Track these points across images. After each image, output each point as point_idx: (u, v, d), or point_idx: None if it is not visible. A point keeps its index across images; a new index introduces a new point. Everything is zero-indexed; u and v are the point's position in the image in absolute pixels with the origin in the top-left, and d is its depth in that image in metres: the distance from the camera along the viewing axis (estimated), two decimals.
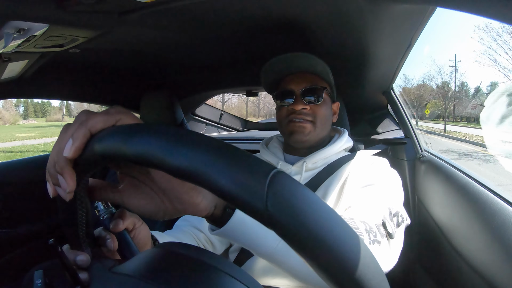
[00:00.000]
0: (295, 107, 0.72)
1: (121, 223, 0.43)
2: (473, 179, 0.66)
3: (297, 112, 0.72)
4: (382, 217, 0.55)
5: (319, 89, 0.73)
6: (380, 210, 0.56)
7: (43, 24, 0.58)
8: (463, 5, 0.35)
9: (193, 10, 0.64)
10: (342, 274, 0.22)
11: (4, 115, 25.13)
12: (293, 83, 0.74)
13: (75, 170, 0.29)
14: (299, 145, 0.75)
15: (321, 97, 0.73)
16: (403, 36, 0.74)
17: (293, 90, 0.73)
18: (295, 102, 0.73)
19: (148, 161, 0.25)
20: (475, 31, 24.13)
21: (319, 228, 0.22)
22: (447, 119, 18.74)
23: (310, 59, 0.71)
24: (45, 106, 28.29)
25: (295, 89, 0.73)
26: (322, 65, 0.73)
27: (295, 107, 0.72)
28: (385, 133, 1.25)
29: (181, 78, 1.36)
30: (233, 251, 0.75)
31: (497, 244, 0.48)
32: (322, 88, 0.74)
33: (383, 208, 0.57)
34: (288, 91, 0.74)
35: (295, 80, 0.74)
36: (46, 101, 24.49)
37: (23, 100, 21.24)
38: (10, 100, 21.58)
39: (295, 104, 0.72)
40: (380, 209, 0.57)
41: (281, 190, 0.22)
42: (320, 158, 0.74)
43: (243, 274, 0.30)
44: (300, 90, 0.72)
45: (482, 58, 20.51)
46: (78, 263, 0.34)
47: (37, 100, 13.05)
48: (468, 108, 18.96)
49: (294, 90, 0.73)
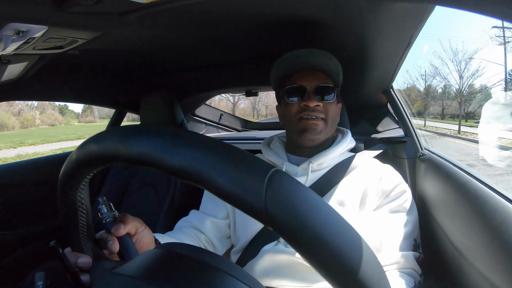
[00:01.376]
0: (309, 104, 0.70)
1: (123, 227, 0.43)
2: (473, 177, 0.66)
3: (311, 109, 0.70)
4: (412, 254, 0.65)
5: (331, 87, 0.73)
6: (409, 244, 0.67)
7: (42, 26, 0.58)
8: (462, 3, 0.35)
9: (192, 10, 0.64)
10: (342, 272, 0.22)
11: (57, 117, 25.96)
12: (305, 79, 0.72)
13: (76, 171, 0.30)
14: (309, 144, 0.74)
15: (334, 95, 0.73)
16: (403, 35, 0.74)
17: (305, 86, 0.72)
18: (308, 99, 0.71)
19: (147, 161, 0.25)
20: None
21: (318, 226, 0.22)
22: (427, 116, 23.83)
23: (324, 56, 0.71)
24: (63, 109, 28.62)
25: (307, 86, 0.72)
26: (335, 64, 0.72)
27: (309, 103, 0.70)
28: (385, 132, 1.25)
29: (180, 79, 1.36)
30: (235, 252, 0.75)
31: (498, 242, 0.48)
32: (334, 87, 0.73)
33: (411, 242, 0.67)
34: (299, 87, 0.72)
35: (307, 77, 0.72)
36: (63, 104, 24.73)
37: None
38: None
39: (308, 100, 0.71)
40: (409, 243, 0.67)
41: (279, 189, 0.22)
42: (325, 159, 0.73)
43: (244, 275, 0.30)
44: (313, 87, 0.71)
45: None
46: (80, 265, 0.34)
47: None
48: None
49: (306, 87, 0.72)
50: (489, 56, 22.11)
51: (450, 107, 22.63)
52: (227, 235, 0.79)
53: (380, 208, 0.70)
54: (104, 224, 0.43)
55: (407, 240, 0.67)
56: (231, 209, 0.78)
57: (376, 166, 0.76)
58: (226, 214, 0.78)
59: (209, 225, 0.76)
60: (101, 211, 0.43)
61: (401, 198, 0.70)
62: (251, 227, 0.72)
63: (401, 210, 0.70)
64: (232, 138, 1.63)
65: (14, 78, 0.93)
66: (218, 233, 0.77)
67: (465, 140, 12.47)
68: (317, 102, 0.71)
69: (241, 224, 0.75)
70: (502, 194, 0.54)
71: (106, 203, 0.43)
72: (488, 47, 20.49)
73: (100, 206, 0.43)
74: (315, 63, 0.72)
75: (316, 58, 0.72)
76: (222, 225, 0.77)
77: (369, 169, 0.75)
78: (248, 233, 0.72)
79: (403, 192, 0.71)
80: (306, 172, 0.73)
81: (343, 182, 0.73)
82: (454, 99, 20.70)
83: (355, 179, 0.73)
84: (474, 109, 19.82)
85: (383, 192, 0.70)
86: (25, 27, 0.56)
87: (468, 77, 18.95)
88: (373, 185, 0.71)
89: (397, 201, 0.70)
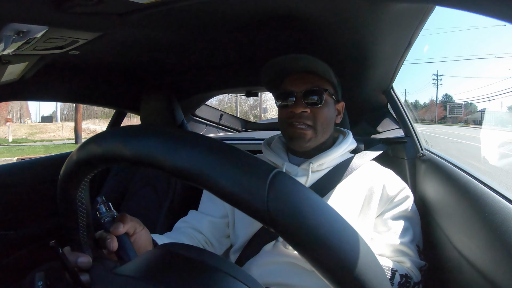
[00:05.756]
0: (295, 110, 0.70)
1: (122, 227, 0.43)
2: (473, 178, 0.66)
3: (297, 116, 0.70)
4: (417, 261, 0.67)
5: (320, 91, 0.71)
6: (413, 250, 0.68)
7: (43, 26, 0.58)
8: (462, 3, 0.35)
9: (193, 11, 0.64)
10: (343, 273, 0.22)
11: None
12: (294, 84, 0.72)
13: (76, 171, 0.29)
14: (301, 150, 0.74)
15: (322, 99, 0.71)
16: (403, 35, 0.74)
17: (293, 91, 0.71)
18: (295, 104, 0.70)
19: (148, 162, 0.25)
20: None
21: (320, 227, 0.22)
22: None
23: (310, 61, 0.70)
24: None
25: (296, 91, 0.71)
26: (323, 66, 0.71)
27: (295, 109, 0.70)
28: (385, 132, 1.24)
29: (181, 79, 1.36)
30: (234, 251, 0.75)
31: (498, 242, 0.47)
32: (323, 89, 0.71)
33: (415, 248, 0.69)
34: (288, 92, 0.72)
35: (297, 81, 0.72)
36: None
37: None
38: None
39: (295, 106, 0.70)
40: (413, 249, 0.68)
41: (281, 190, 0.22)
42: (326, 160, 0.73)
43: (243, 274, 0.30)
44: (301, 92, 0.70)
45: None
46: (79, 265, 0.34)
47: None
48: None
49: (294, 92, 0.71)
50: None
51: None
52: (226, 235, 0.79)
53: (384, 214, 0.71)
54: (103, 224, 0.43)
55: (410, 245, 0.68)
56: (230, 208, 0.78)
57: (378, 170, 0.77)
58: (225, 213, 0.78)
59: (208, 225, 0.76)
60: (100, 211, 0.43)
61: (404, 204, 0.71)
62: (250, 226, 0.72)
63: (405, 216, 0.71)
64: (232, 139, 1.63)
65: (14, 78, 0.93)
66: (216, 232, 0.77)
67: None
68: (304, 108, 0.70)
69: (240, 223, 0.75)
70: (502, 195, 0.54)
71: (105, 202, 0.43)
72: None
73: (99, 205, 0.43)
74: (303, 67, 0.72)
75: (301, 62, 0.71)
76: (220, 224, 0.77)
77: (370, 172, 0.75)
78: (247, 232, 0.72)
79: (407, 198, 0.72)
80: (306, 172, 0.73)
81: (344, 183, 0.73)
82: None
83: (356, 181, 0.73)
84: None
85: (387, 198, 0.71)
86: (25, 27, 0.56)
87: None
88: (377, 191, 0.71)
89: (400, 206, 0.71)
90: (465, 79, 67.55)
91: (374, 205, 0.70)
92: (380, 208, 0.71)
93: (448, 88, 63.56)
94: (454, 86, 63.42)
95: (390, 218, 0.70)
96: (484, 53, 51.16)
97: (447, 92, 45.80)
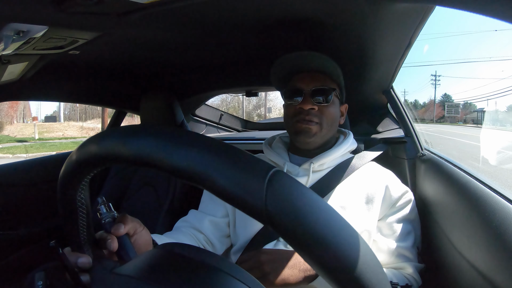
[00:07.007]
0: (303, 107, 0.71)
1: (122, 227, 0.43)
2: (473, 178, 0.66)
3: (305, 112, 0.71)
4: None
5: (328, 90, 0.72)
6: (414, 252, 0.70)
7: (43, 26, 0.58)
8: (462, 3, 0.35)
9: (193, 11, 0.64)
10: (342, 272, 0.22)
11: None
12: (303, 82, 0.73)
13: (76, 171, 0.29)
14: (304, 146, 0.75)
15: (330, 98, 0.72)
16: (403, 35, 0.74)
17: (302, 89, 0.72)
18: (303, 102, 0.71)
19: (148, 162, 0.25)
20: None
21: (319, 227, 0.22)
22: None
23: (322, 59, 0.71)
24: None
25: (304, 88, 0.72)
26: (333, 66, 0.72)
27: (304, 106, 0.71)
28: (385, 132, 1.24)
29: (181, 79, 1.36)
30: (234, 251, 0.75)
31: (498, 242, 0.47)
32: (332, 89, 0.73)
33: (415, 251, 0.70)
34: (297, 89, 0.72)
35: (306, 79, 0.73)
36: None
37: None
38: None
39: (304, 103, 0.71)
40: (414, 252, 0.70)
41: (280, 189, 0.22)
42: (327, 160, 0.74)
43: (243, 274, 0.30)
44: (310, 90, 0.71)
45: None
46: (80, 265, 0.34)
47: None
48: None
49: (303, 89, 0.72)
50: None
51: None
52: (226, 234, 0.79)
53: (388, 218, 0.71)
54: (103, 224, 0.43)
55: (412, 249, 0.69)
56: (230, 208, 0.78)
57: (379, 171, 0.77)
58: (225, 212, 0.78)
59: (208, 225, 0.76)
60: (100, 211, 0.43)
61: (407, 207, 0.72)
62: (251, 226, 0.72)
63: (408, 220, 0.71)
64: (232, 138, 1.63)
65: (14, 78, 0.93)
66: (217, 232, 0.77)
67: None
68: (312, 105, 0.71)
69: (241, 223, 0.75)
70: (502, 195, 0.54)
71: (105, 203, 0.43)
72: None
73: (99, 206, 0.43)
74: (313, 65, 0.72)
75: (313, 60, 0.72)
76: (221, 224, 0.77)
77: (371, 173, 0.76)
78: (248, 232, 0.72)
79: (410, 201, 0.72)
80: (307, 172, 0.73)
81: (345, 183, 0.73)
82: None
83: (357, 181, 0.74)
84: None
85: (390, 200, 0.71)
86: (25, 27, 0.56)
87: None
88: (379, 191, 0.72)
89: (404, 210, 0.71)
90: (463, 79, 68.30)
91: (376, 206, 0.70)
92: (383, 210, 0.71)
93: (446, 88, 64.26)
94: (451, 87, 64.09)
95: (394, 221, 0.71)
96: (479, 56, 52.45)
97: (446, 92, 47.50)
